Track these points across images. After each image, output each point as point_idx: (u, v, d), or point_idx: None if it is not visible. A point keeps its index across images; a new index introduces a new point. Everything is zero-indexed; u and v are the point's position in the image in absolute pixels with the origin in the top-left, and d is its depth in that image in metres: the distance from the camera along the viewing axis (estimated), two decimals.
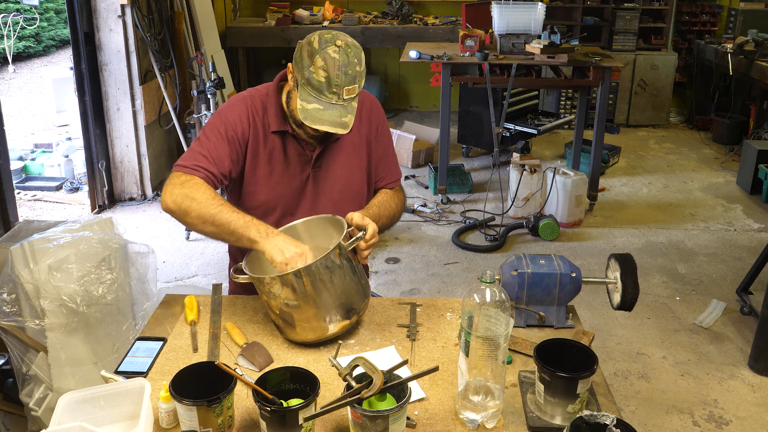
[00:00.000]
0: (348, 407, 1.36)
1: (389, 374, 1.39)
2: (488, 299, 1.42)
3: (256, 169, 1.92)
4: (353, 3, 7.55)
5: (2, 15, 9.20)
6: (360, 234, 1.73)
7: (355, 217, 1.77)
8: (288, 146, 1.92)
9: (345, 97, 1.74)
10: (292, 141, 1.92)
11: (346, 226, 1.74)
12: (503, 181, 5.16)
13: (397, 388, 1.39)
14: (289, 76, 1.84)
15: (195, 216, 1.73)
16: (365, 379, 1.37)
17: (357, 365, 1.40)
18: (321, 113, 1.73)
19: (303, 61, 1.74)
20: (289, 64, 1.83)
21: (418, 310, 1.90)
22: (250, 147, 1.90)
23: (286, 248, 1.67)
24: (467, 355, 1.43)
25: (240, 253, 1.91)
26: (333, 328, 1.69)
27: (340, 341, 1.66)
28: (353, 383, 1.38)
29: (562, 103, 6.97)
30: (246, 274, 1.71)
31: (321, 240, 1.85)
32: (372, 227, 1.76)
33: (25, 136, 7.00)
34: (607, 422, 1.25)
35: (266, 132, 1.90)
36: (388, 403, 1.38)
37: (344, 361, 1.66)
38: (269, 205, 1.94)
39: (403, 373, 1.46)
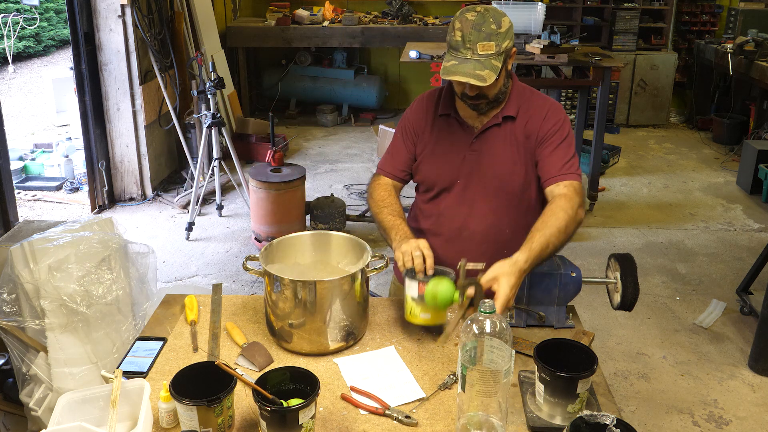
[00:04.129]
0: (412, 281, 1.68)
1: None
2: (488, 330, 1.36)
3: (425, 149, 2.05)
4: (353, 3, 7.56)
5: (2, 15, 9.19)
6: (380, 265, 1.77)
7: (487, 276, 1.65)
8: (452, 126, 2.01)
9: (480, 52, 1.78)
10: (456, 123, 2.00)
11: (370, 254, 1.75)
12: None
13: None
14: None
15: (371, 211, 2.04)
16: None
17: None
18: (456, 67, 1.80)
19: (448, 31, 1.84)
20: None
21: None
22: (422, 133, 2.06)
23: (405, 252, 1.79)
24: (464, 389, 1.36)
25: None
26: (331, 346, 1.69)
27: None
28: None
29: (562, 103, 6.97)
30: (260, 267, 1.71)
31: (349, 259, 1.85)
32: (500, 310, 1.59)
33: (25, 136, 7.00)
34: (607, 422, 1.25)
35: (435, 116, 2.03)
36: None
37: (344, 362, 1.67)
38: (428, 182, 2.06)
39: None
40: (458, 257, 1.91)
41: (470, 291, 1.59)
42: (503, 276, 1.60)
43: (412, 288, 1.72)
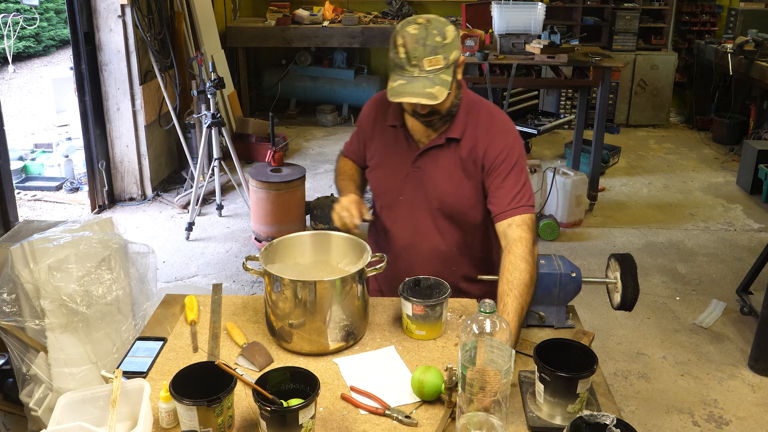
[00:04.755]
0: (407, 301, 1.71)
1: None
2: (488, 330, 1.36)
3: (373, 157, 2.04)
4: (353, 3, 7.56)
5: (2, 15, 9.19)
6: (380, 265, 1.75)
7: None
8: (398, 139, 1.97)
9: (427, 68, 1.71)
10: (402, 137, 1.96)
11: (370, 254, 1.74)
12: None
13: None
14: None
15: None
16: None
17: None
18: (404, 87, 1.74)
19: (390, 46, 1.78)
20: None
21: None
22: (369, 138, 2.05)
23: (336, 215, 1.91)
24: (464, 389, 1.37)
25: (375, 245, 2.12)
26: (331, 346, 1.69)
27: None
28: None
29: (562, 103, 6.97)
30: (260, 267, 1.71)
31: (349, 259, 1.85)
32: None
33: (25, 136, 7.00)
34: (607, 422, 1.25)
35: (385, 125, 1.99)
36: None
37: (344, 362, 1.67)
38: (376, 193, 2.06)
39: None
40: (407, 274, 1.86)
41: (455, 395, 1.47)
42: None
43: (407, 307, 1.75)
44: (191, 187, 5.00)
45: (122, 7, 4.71)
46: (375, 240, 2.13)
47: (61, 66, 10.26)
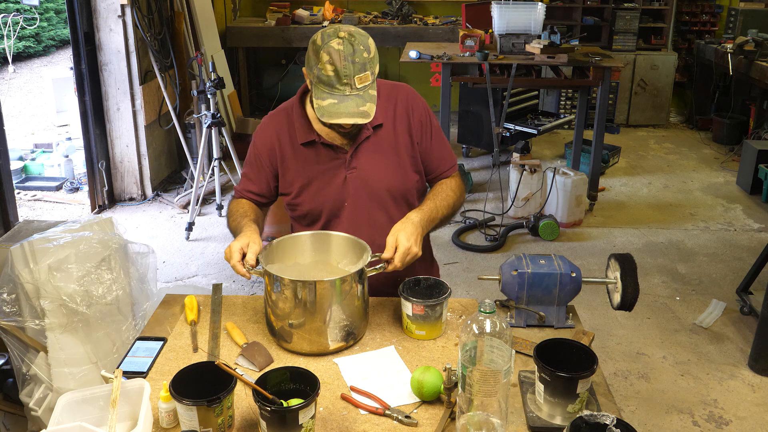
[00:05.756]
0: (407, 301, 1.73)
1: None
2: (488, 330, 1.36)
3: (294, 182, 1.95)
4: (353, 3, 7.56)
5: (2, 15, 9.19)
6: (381, 265, 1.75)
7: (388, 243, 1.77)
8: (320, 154, 1.92)
9: (358, 86, 1.71)
10: (323, 148, 1.92)
11: (370, 254, 1.74)
12: (503, 181, 5.16)
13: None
14: (307, 80, 1.84)
15: (230, 229, 1.97)
16: None
17: None
18: (337, 107, 1.72)
19: (311, 60, 1.74)
20: (303, 69, 1.83)
21: None
22: (281, 164, 1.95)
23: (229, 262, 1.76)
24: (464, 389, 1.37)
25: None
26: (331, 346, 1.69)
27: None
28: None
29: (562, 103, 6.97)
30: (261, 267, 1.71)
31: (349, 259, 1.84)
32: (398, 261, 1.75)
33: (25, 136, 7.00)
34: (607, 422, 1.25)
35: (295, 145, 1.93)
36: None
37: (344, 362, 1.67)
38: (314, 214, 1.97)
39: None
40: (376, 275, 1.80)
41: (455, 394, 1.47)
42: (399, 232, 1.76)
43: (407, 307, 1.75)
44: (191, 187, 5.00)
45: (122, 7, 4.71)
46: None
47: (61, 66, 10.26)
